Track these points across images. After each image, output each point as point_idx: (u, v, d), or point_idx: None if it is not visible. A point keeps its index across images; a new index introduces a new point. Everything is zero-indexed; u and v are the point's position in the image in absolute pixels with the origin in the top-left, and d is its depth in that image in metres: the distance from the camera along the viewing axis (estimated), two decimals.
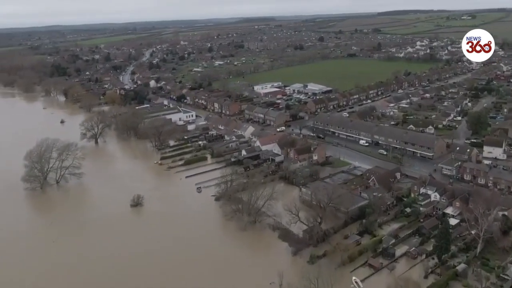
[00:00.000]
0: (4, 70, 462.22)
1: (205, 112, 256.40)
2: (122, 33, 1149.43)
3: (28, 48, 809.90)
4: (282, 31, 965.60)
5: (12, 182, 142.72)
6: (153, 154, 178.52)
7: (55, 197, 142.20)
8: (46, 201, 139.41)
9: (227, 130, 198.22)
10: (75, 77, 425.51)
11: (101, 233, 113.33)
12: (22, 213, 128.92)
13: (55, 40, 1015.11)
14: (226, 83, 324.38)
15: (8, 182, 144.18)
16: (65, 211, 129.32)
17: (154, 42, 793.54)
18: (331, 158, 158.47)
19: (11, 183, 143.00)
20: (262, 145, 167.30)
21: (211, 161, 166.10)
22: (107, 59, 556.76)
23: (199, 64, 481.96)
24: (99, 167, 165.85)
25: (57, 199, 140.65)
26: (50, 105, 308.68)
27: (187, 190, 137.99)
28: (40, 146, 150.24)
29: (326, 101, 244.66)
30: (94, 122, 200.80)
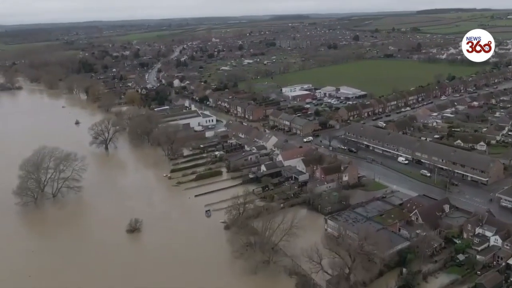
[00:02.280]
0: (33, 66, 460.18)
1: (228, 116, 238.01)
2: (157, 29, 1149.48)
3: (64, 43, 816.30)
4: (316, 29, 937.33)
5: (2, 195, 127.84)
6: (164, 165, 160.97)
7: (48, 215, 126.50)
8: (37, 220, 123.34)
9: (247, 139, 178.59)
10: (101, 74, 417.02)
11: (87, 266, 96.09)
12: (4, 235, 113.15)
13: (91, 35, 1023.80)
14: (253, 84, 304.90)
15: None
16: (54, 233, 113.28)
17: (186, 39, 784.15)
18: (364, 178, 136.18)
19: (1, 197, 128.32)
20: (284, 159, 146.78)
21: (227, 176, 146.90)
22: (136, 55, 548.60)
23: (227, 62, 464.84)
24: (103, 179, 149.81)
25: (50, 217, 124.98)
26: (71, 103, 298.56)
27: (194, 213, 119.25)
28: (37, 155, 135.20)
29: (360, 107, 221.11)
30: (105, 126, 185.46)
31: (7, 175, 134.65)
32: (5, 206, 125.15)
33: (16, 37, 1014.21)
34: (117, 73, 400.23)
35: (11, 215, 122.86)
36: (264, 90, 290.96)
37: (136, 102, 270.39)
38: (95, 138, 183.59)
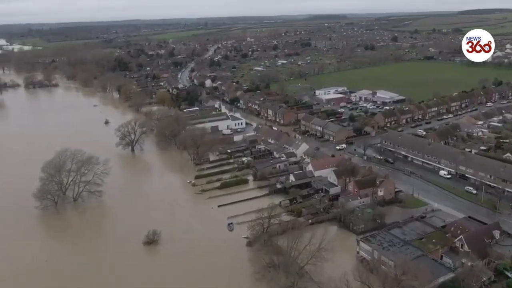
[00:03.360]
0: (70, 63, 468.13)
1: (258, 119, 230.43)
2: (193, 28, 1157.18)
3: (103, 41, 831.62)
4: (353, 29, 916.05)
5: (23, 198, 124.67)
6: (189, 170, 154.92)
7: (66, 221, 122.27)
8: (55, 227, 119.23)
9: (277, 145, 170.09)
10: (135, 72, 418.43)
11: (96, 282, 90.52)
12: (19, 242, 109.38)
13: (129, 34, 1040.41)
14: (285, 86, 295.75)
15: (18, 198, 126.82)
16: (70, 242, 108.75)
17: (221, 38, 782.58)
18: (401, 194, 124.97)
19: (21, 200, 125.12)
20: (315, 169, 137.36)
21: (253, 185, 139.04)
22: (171, 54, 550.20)
23: (261, 62, 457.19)
24: (126, 183, 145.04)
25: (68, 224, 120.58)
26: (103, 102, 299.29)
27: (216, 226, 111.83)
28: (59, 157, 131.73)
29: (398, 113, 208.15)
30: (131, 127, 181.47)
31: (30, 177, 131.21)
32: (25, 210, 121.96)
33: (59, 34, 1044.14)
34: (151, 72, 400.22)
35: (30, 219, 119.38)
36: (296, 92, 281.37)
37: (166, 102, 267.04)
38: (122, 139, 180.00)
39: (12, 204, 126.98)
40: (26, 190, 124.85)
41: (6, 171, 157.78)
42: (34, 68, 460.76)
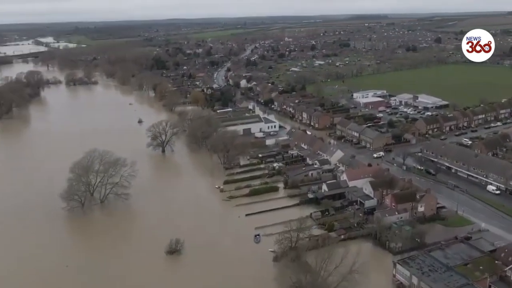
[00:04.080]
0: (110, 61, 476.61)
1: (292, 122, 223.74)
2: (232, 28, 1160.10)
3: (143, 40, 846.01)
4: (394, 29, 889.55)
5: (51, 197, 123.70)
6: (219, 174, 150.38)
7: (91, 224, 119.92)
8: (79, 229, 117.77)
9: (310, 151, 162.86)
10: (172, 71, 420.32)
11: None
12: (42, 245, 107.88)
13: (170, 32, 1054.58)
14: (322, 88, 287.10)
15: (46, 198, 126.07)
16: (93, 246, 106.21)
17: (259, 38, 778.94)
18: (444, 210, 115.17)
19: (49, 199, 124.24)
20: (350, 179, 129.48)
21: (283, 193, 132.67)
22: (208, 53, 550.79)
23: (298, 63, 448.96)
24: (153, 186, 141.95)
25: (93, 227, 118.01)
26: (139, 101, 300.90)
27: (242, 237, 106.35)
28: (87, 158, 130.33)
29: (441, 120, 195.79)
30: (162, 128, 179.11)
31: (60, 176, 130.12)
32: (52, 210, 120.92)
33: (103, 33, 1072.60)
34: (187, 71, 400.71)
35: (55, 220, 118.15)
36: (333, 95, 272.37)
37: (200, 102, 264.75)
38: (153, 139, 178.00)
39: (40, 203, 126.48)
40: (56, 190, 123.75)
41: (37, 169, 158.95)
42: (76, 66, 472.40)
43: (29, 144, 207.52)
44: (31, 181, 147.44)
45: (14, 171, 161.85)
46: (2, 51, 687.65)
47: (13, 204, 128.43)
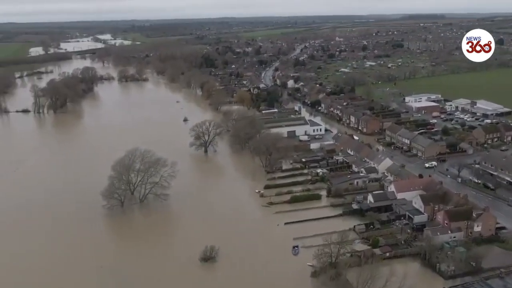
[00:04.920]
0: (161, 59, 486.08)
1: (339, 125, 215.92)
2: (283, 27, 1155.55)
3: (195, 38, 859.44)
4: (451, 30, 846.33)
5: (93, 194, 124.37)
6: (260, 178, 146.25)
7: (129, 223, 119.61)
8: (118, 228, 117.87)
9: (356, 157, 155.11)
10: (220, 70, 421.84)
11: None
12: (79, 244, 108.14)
13: (221, 31, 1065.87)
14: (372, 90, 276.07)
15: (89, 195, 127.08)
16: (129, 247, 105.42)
17: (309, 37, 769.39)
18: (504, 231, 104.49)
19: (91, 196, 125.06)
20: (398, 191, 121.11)
21: (326, 202, 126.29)
22: (257, 52, 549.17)
23: (348, 64, 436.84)
24: (193, 187, 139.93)
25: (131, 227, 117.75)
26: (186, 99, 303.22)
27: (279, 247, 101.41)
28: (129, 157, 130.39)
29: (502, 129, 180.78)
30: (206, 128, 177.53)
31: (103, 173, 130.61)
32: (92, 208, 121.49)
33: (157, 30, 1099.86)
34: (235, 70, 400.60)
35: (95, 218, 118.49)
36: (384, 98, 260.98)
37: (246, 102, 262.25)
38: (196, 139, 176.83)
39: (82, 200, 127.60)
40: (99, 187, 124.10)
41: (83, 165, 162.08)
42: (129, 62, 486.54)
43: (78, 139, 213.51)
44: (76, 176, 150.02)
45: (62, 166, 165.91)
46: (63, 48, 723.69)
47: (55, 199, 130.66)
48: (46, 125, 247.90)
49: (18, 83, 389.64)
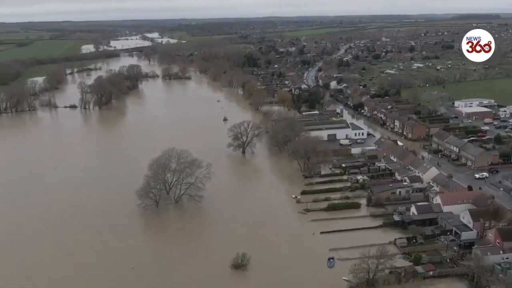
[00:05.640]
0: (204, 57, 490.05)
1: (382, 130, 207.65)
2: (328, 26, 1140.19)
3: (239, 37, 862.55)
4: (506, 30, 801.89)
5: (130, 193, 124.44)
6: (297, 183, 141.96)
7: (163, 224, 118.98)
8: (152, 229, 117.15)
9: (400, 165, 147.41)
10: (262, 69, 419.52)
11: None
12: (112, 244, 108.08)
13: (265, 30, 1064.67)
14: (419, 93, 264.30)
15: (125, 193, 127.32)
16: (161, 249, 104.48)
17: (354, 37, 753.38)
18: None
19: (127, 195, 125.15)
20: (444, 203, 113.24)
21: (365, 211, 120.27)
22: (301, 52, 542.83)
23: (394, 65, 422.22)
24: (229, 189, 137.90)
25: (164, 227, 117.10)
26: (227, 98, 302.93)
27: (315, 257, 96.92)
28: (165, 156, 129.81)
29: None
30: (244, 129, 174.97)
31: (139, 172, 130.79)
32: (127, 207, 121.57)
33: (203, 29, 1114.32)
34: (277, 70, 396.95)
35: (129, 217, 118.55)
36: (431, 102, 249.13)
37: (286, 102, 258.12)
38: (234, 140, 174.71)
39: (118, 199, 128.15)
40: (135, 185, 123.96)
41: (120, 163, 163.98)
42: (173, 61, 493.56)
43: (119, 136, 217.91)
44: (114, 173, 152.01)
45: (101, 162, 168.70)
46: (113, 45, 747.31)
47: (92, 196, 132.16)
48: (90, 121, 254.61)
49: (69, 79, 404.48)
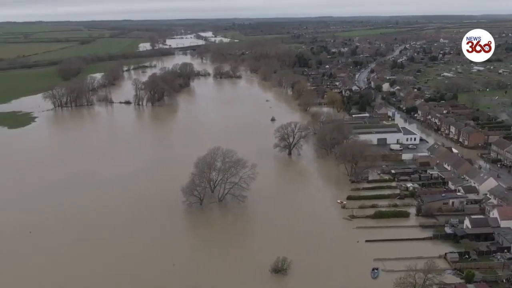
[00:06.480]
0: (255, 57, 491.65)
1: (436, 136, 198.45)
2: (382, 27, 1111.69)
3: (291, 36, 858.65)
4: None
5: (177, 190, 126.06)
6: (344, 187, 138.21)
7: (207, 222, 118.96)
8: (195, 226, 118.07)
9: (454, 173, 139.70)
10: (313, 69, 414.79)
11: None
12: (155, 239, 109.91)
13: (318, 30, 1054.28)
14: (478, 98, 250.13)
15: (172, 190, 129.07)
16: (202, 246, 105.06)
17: (410, 38, 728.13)
18: None
19: (174, 192, 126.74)
20: (502, 218, 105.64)
21: (414, 221, 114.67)
22: (353, 53, 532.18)
23: (451, 68, 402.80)
24: (273, 190, 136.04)
25: (208, 225, 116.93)
26: (276, 98, 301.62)
27: (358, 266, 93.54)
28: (211, 155, 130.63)
29: None
30: (291, 130, 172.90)
31: (187, 170, 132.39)
32: (173, 204, 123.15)
33: (256, 29, 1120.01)
34: (328, 70, 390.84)
35: (174, 214, 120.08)
36: (491, 108, 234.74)
37: (336, 104, 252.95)
38: (280, 141, 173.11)
39: (164, 195, 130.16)
40: (180, 182, 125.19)
41: (169, 160, 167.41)
42: (225, 59, 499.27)
43: (169, 132, 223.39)
44: (160, 170, 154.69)
45: (148, 157, 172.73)
46: (168, 44, 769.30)
47: (140, 191, 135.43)
48: (142, 117, 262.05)
49: (125, 76, 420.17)
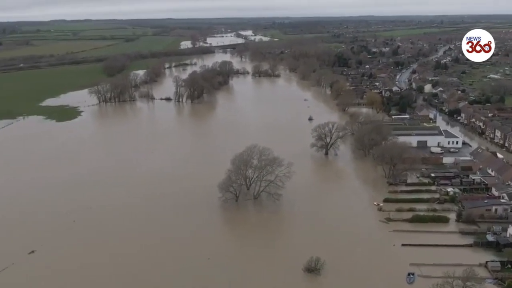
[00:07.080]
0: (294, 56, 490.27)
1: (480, 140, 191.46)
2: (426, 26, 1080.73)
3: (331, 36, 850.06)
4: None
5: (210, 188, 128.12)
6: (381, 189, 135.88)
7: (242, 218, 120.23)
8: (230, 222, 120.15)
9: (498, 179, 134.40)
10: (353, 69, 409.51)
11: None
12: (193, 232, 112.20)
13: (358, 29, 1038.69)
14: None
15: (210, 186, 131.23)
16: (238, 242, 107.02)
17: (455, 38, 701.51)
18: None
19: (211, 188, 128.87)
20: None
21: (454, 227, 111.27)
22: (395, 53, 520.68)
23: (499, 69, 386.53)
24: (308, 189, 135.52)
25: (243, 222, 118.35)
26: (314, 97, 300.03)
27: (393, 270, 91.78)
28: (247, 152, 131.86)
29: None
30: (328, 130, 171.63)
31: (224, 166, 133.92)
32: (209, 199, 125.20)
33: (295, 28, 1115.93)
34: (368, 70, 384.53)
35: (210, 210, 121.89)
36: None
37: (376, 105, 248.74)
38: (317, 140, 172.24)
39: (200, 190, 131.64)
40: (217, 178, 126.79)
41: (205, 156, 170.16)
42: (264, 58, 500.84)
43: (208, 129, 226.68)
44: (198, 166, 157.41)
45: (186, 153, 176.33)
46: (209, 42, 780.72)
47: (178, 186, 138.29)
48: (182, 113, 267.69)
49: (166, 73, 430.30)
